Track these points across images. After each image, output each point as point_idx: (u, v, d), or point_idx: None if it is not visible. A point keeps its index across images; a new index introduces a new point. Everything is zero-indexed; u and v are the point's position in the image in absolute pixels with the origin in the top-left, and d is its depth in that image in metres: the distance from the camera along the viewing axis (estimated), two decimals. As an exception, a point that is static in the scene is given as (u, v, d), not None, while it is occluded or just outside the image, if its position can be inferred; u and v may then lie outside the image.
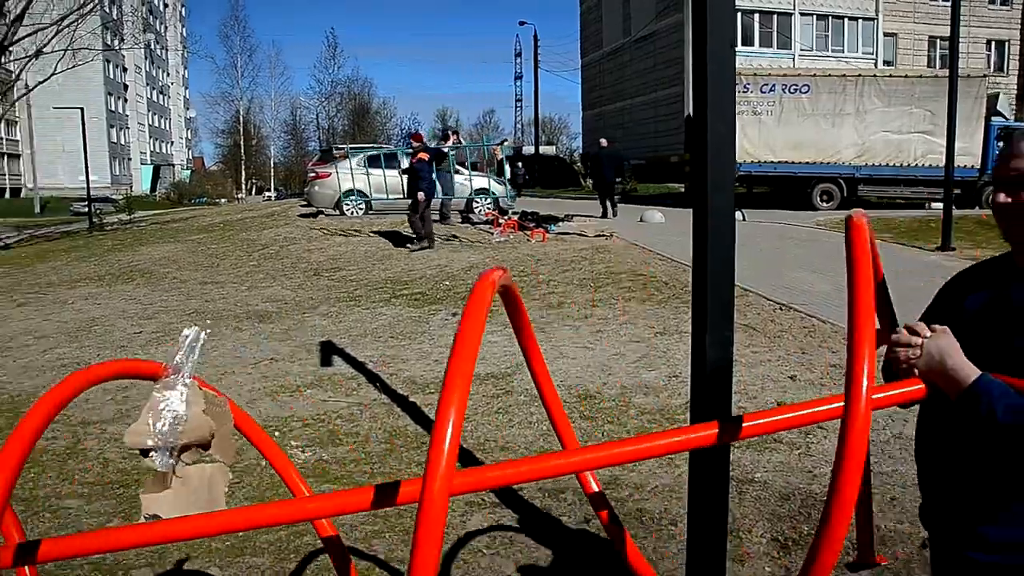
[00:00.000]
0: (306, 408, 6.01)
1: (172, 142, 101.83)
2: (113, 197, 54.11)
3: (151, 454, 1.79)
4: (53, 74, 21.67)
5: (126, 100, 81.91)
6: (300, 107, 68.52)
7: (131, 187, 72.56)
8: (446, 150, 15.84)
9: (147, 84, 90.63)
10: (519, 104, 74.62)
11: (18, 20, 20.55)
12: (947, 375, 1.64)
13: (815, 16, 36.22)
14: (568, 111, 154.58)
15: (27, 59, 21.02)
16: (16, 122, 66.44)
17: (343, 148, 22.66)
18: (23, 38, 20.96)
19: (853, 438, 1.30)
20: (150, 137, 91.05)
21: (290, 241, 14.60)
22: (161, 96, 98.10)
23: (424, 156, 13.29)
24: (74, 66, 22.83)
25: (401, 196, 15.45)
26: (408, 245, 13.23)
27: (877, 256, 1.75)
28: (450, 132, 16.67)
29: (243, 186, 68.64)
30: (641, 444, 1.61)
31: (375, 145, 26.73)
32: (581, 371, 6.72)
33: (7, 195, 67.03)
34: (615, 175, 19.34)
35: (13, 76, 23.14)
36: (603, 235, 13.73)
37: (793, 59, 34.55)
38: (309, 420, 5.73)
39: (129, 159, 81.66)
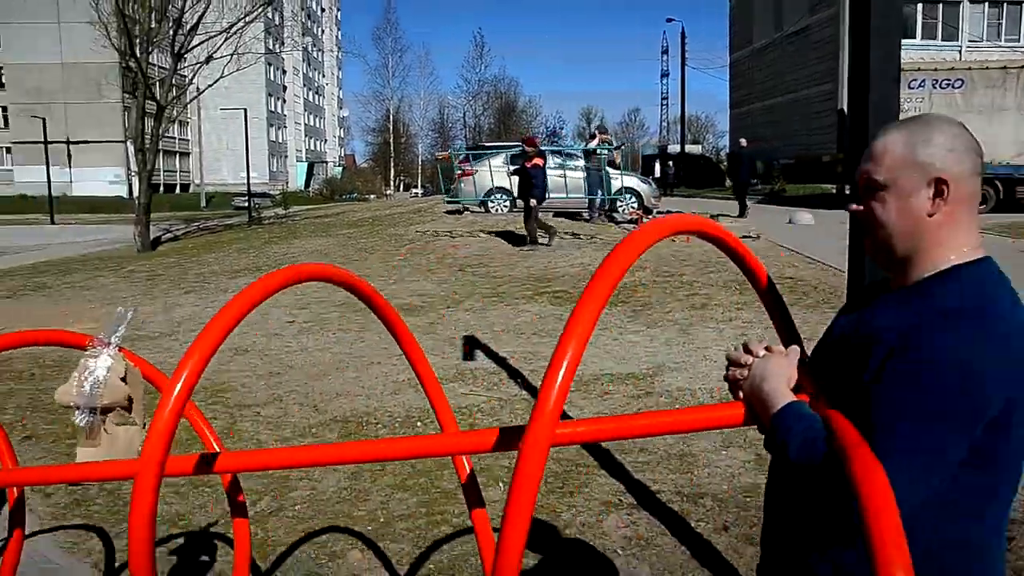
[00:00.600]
0: (448, 400, 6.14)
1: (326, 140, 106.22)
2: (270, 193, 56.98)
3: (75, 412, 2.14)
4: (220, 77, 23.00)
5: (284, 100, 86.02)
6: (448, 106, 70.10)
7: (287, 183, 76.27)
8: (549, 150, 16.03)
9: (304, 85, 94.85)
10: (665, 102, 73.78)
11: (193, 30, 21.97)
12: (762, 400, 1.47)
13: (987, 3, 33.95)
14: (715, 109, 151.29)
15: (199, 64, 22.42)
16: (187, 123, 70.97)
17: (447, 151, 23.06)
18: (196, 46, 22.38)
19: (525, 465, 1.20)
20: (305, 135, 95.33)
21: (436, 237, 14.95)
22: (316, 96, 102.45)
23: (539, 161, 13.43)
24: (238, 70, 24.15)
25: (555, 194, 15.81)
26: (524, 247, 13.44)
27: (754, 263, 1.71)
28: (597, 132, 16.54)
29: (391, 183, 70.85)
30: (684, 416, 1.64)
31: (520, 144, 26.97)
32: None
33: (177, 190, 71.64)
34: (750, 175, 18.86)
35: (187, 81, 24.70)
36: (749, 236, 13.38)
37: (960, 51, 32.52)
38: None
39: (286, 156, 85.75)
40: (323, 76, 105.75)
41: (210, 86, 24.39)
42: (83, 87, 61.17)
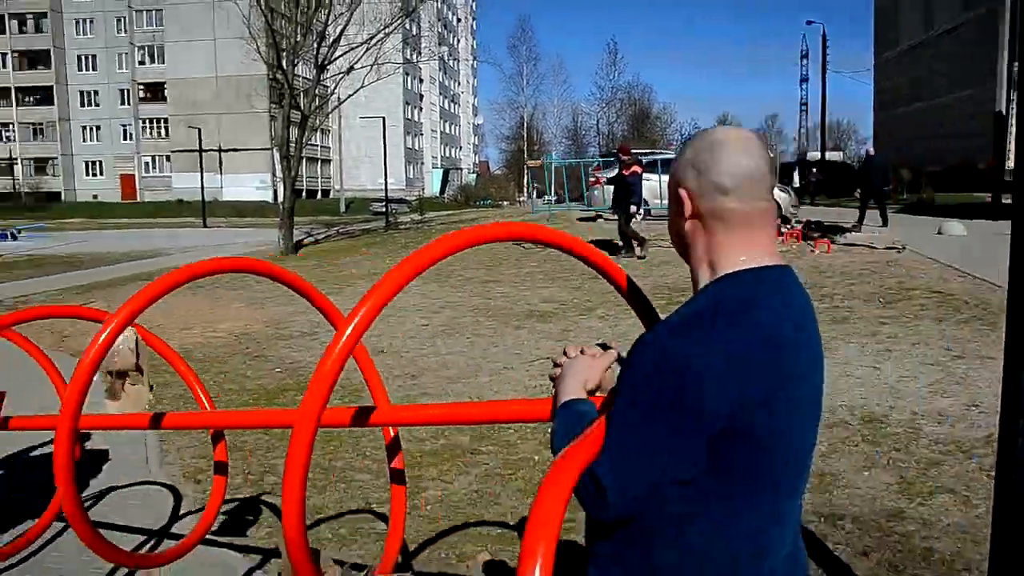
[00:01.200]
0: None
1: (460, 147, 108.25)
2: (407, 198, 58.39)
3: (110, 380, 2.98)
4: (360, 87, 23.80)
5: (421, 109, 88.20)
6: (581, 113, 70.08)
7: (423, 189, 78.14)
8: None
9: (440, 94, 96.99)
10: (804, 108, 71.41)
11: (335, 42, 22.88)
12: (554, 397, 1.50)
13: None
14: (857, 114, 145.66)
15: (340, 75, 23.28)
16: (329, 131, 73.76)
17: (539, 160, 22.93)
18: (338, 57, 23.27)
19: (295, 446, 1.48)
20: (441, 143, 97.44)
21: (566, 244, 14.97)
22: (452, 104, 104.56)
23: (637, 169, 13.25)
24: (378, 80, 24.94)
25: None
26: (619, 255, 13.33)
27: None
28: None
29: (524, 189, 71.47)
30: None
31: (653, 151, 26.72)
32: (867, 392, 6.30)
33: (319, 195, 74.50)
34: (883, 183, 17.96)
35: (329, 91, 25.71)
36: (895, 247, 12.78)
37: None
38: (580, 420, 5.86)
39: (422, 163, 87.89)
40: (458, 85, 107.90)
41: (350, 96, 25.27)
42: (234, 99, 64.63)
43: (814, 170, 36.36)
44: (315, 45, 23.09)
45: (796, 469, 1.43)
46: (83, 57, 74.05)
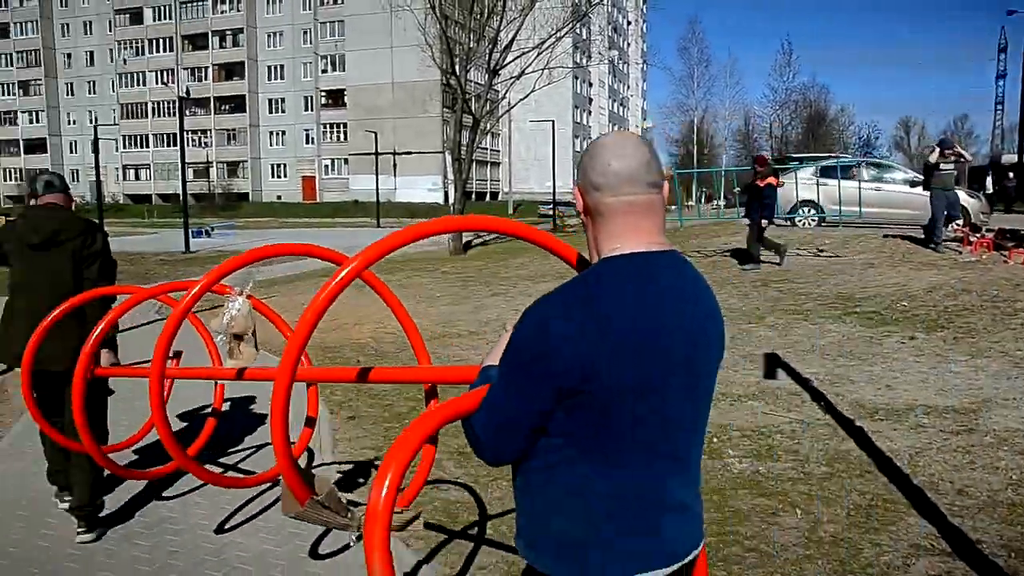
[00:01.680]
0: (746, 419, 5.97)
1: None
2: (573, 201, 58.61)
3: (217, 336, 3.66)
4: (531, 92, 24.13)
5: (590, 112, 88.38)
6: (753, 116, 68.13)
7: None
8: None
9: (609, 97, 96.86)
10: (1000, 106, 66.40)
11: (507, 48, 23.29)
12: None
13: None
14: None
15: (511, 80, 23.68)
16: (499, 135, 75.19)
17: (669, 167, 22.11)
18: (510, 62, 23.67)
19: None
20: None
21: (733, 250, 14.60)
22: (621, 108, 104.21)
23: (774, 181, 12.93)
24: (548, 84, 25.18)
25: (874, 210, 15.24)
26: (744, 266, 13.04)
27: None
28: (941, 146, 14.60)
29: (693, 194, 70.21)
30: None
31: (829, 155, 25.66)
32: (1066, 416, 5.79)
33: (487, 198, 76.04)
34: None
35: (500, 95, 26.19)
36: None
37: None
38: (748, 431, 5.69)
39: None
40: (627, 88, 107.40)
41: (521, 100, 25.66)
42: (409, 104, 67.08)
43: (1010, 175, 33.68)
44: (487, 51, 23.59)
45: (671, 434, 1.61)
46: (273, 67, 79.01)
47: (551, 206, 46.45)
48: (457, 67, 23.53)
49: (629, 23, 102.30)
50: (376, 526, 1.53)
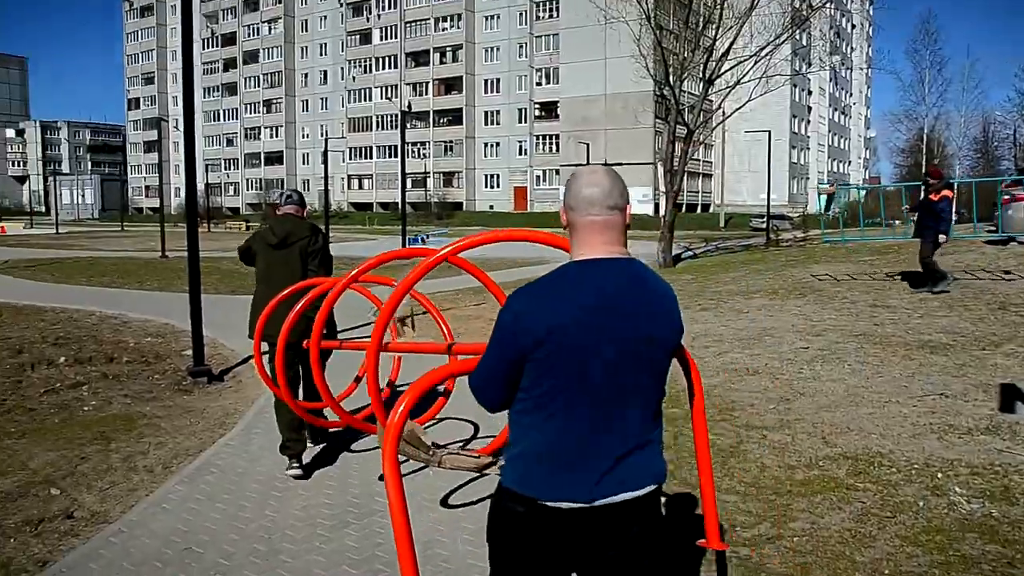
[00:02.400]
0: (977, 454, 5.50)
1: (849, 162, 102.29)
2: (789, 215, 56.44)
3: (396, 323, 5.16)
4: (747, 101, 23.47)
5: (808, 122, 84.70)
6: (994, 123, 62.64)
7: (806, 206, 74.91)
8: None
9: (830, 105, 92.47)
10: None
11: (723, 56, 22.79)
12: None
13: None
14: None
15: (727, 89, 23.15)
16: (712, 145, 73.79)
17: (832, 185, 20.16)
18: (725, 71, 23.15)
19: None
20: (828, 157, 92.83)
21: (973, 270, 13.50)
22: (842, 116, 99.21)
23: (949, 194, 11.98)
24: (765, 93, 24.40)
25: None
26: (926, 288, 12.02)
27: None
28: None
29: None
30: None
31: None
32: None
33: (698, 210, 74.73)
34: None
35: (714, 106, 25.68)
36: None
37: None
38: (979, 468, 5.23)
39: (806, 178, 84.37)
40: (850, 95, 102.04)
41: (737, 110, 25.03)
42: (622, 115, 67.17)
43: None
44: (703, 60, 23.21)
45: (613, 393, 2.09)
46: (489, 81, 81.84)
47: (764, 219, 44.85)
48: (671, 77, 23.31)
49: (853, 27, 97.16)
50: (389, 436, 2.29)
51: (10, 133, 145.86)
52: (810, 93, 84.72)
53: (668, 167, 23.52)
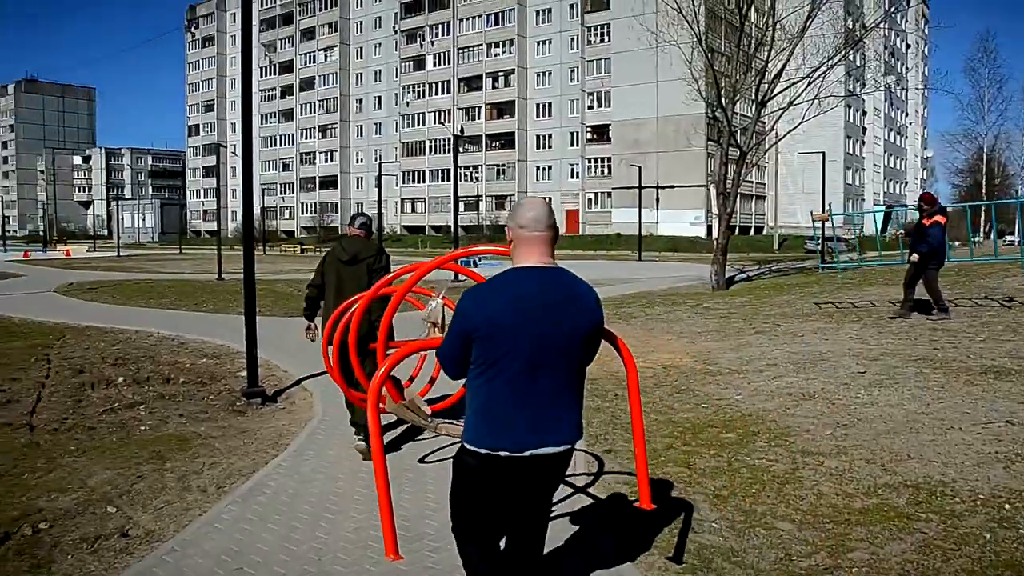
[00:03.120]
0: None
1: (906, 183, 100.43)
2: (845, 236, 55.53)
3: (426, 322, 4.83)
4: (801, 123, 23.20)
5: (863, 142, 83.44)
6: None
7: (862, 227, 73.53)
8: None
9: (884, 126, 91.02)
10: None
11: (776, 78, 22.57)
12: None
13: None
14: None
15: (780, 111, 22.91)
16: (764, 167, 73.11)
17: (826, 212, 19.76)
18: (778, 93, 22.92)
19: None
20: (884, 178, 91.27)
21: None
22: (897, 137, 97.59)
23: (942, 219, 11.90)
24: (818, 114, 24.09)
25: None
26: (932, 315, 12.10)
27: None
28: None
29: (981, 229, 64.09)
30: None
31: None
32: None
33: (751, 232, 73.92)
34: None
35: (767, 127, 25.43)
36: None
37: None
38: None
39: (862, 200, 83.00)
40: (905, 115, 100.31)
41: (790, 131, 24.74)
42: (673, 138, 67.01)
43: None
44: (755, 82, 23.02)
45: (536, 367, 2.79)
46: (541, 105, 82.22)
47: (818, 241, 44.10)
48: (723, 99, 23.15)
49: (908, 46, 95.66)
50: (371, 396, 3.14)
51: (77, 160, 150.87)
52: (865, 114, 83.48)
53: (721, 189, 23.32)
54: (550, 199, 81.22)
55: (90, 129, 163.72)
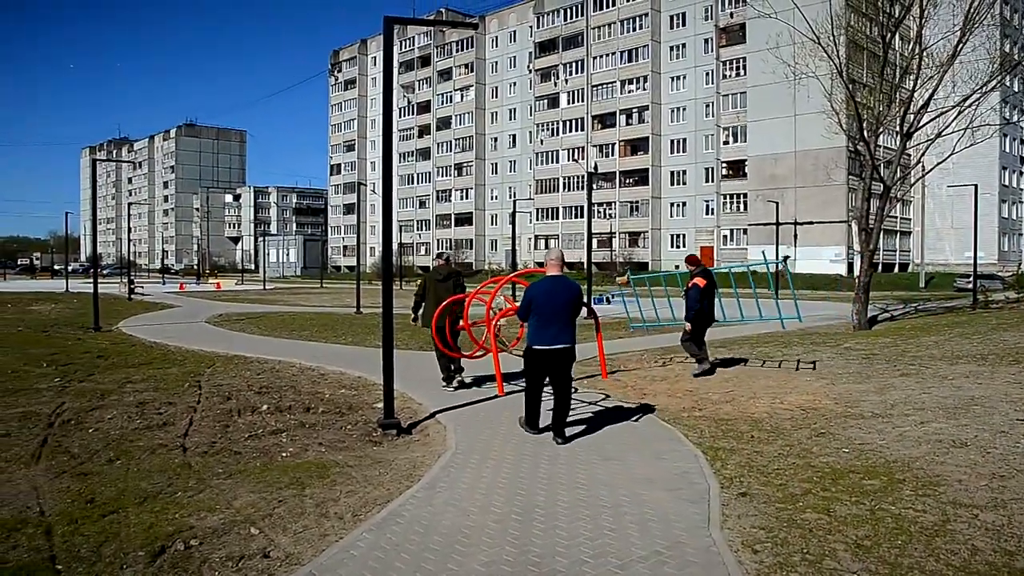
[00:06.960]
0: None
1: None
2: (1000, 274, 52.32)
3: (504, 300, 13.00)
4: (951, 154, 22.13)
5: (1021, 173, 78.52)
6: None
7: (1020, 264, 69.08)
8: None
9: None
10: None
11: (923, 108, 21.61)
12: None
13: None
14: None
15: (927, 143, 21.92)
16: (910, 202, 69.96)
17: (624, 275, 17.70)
18: (925, 124, 21.95)
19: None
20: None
21: None
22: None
23: (700, 282, 11.97)
24: (970, 145, 22.93)
25: None
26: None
27: None
28: None
29: None
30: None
31: None
32: None
33: (895, 269, 70.70)
34: None
35: (913, 160, 24.36)
36: None
37: None
38: None
39: (1020, 235, 78.00)
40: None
41: (938, 164, 23.62)
42: (812, 172, 65.10)
43: None
44: (899, 113, 22.13)
45: (556, 315, 7.95)
46: (675, 141, 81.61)
47: (970, 279, 41.61)
48: (866, 132, 22.31)
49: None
50: (490, 332, 10.48)
51: (228, 198, 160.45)
52: (1023, 143, 78.74)
53: (863, 225, 22.40)
54: (684, 236, 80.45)
55: (241, 169, 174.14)
